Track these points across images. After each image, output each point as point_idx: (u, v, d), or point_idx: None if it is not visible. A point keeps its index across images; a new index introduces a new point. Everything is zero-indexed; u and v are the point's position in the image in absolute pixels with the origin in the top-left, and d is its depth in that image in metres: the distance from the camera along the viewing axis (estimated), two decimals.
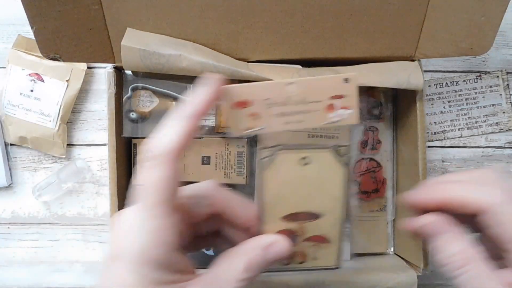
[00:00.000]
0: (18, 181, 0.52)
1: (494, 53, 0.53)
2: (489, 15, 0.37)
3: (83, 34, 0.38)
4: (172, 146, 0.22)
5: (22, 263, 0.52)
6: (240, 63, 0.40)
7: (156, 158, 0.22)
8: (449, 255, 0.25)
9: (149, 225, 0.21)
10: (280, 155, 0.25)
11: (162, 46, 0.38)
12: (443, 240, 0.26)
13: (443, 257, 0.25)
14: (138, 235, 0.21)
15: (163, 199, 0.22)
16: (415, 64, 0.42)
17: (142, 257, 0.21)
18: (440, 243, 0.26)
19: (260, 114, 0.24)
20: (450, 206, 0.26)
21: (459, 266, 0.24)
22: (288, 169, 0.25)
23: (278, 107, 0.24)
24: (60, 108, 0.50)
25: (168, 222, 0.22)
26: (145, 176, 0.22)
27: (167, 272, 0.22)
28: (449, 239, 0.26)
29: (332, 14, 0.38)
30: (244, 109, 0.24)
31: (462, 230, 0.26)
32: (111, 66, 0.42)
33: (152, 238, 0.21)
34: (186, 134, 0.23)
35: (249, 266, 0.24)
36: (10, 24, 0.52)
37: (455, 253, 0.25)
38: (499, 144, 0.53)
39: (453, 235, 0.26)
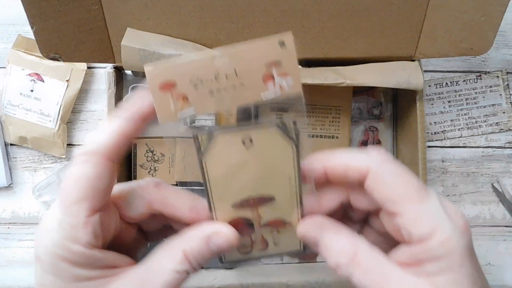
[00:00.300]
0: (18, 181, 0.52)
1: (494, 53, 0.53)
2: (489, 15, 0.37)
3: (83, 34, 0.38)
4: (104, 144, 0.22)
5: (22, 263, 0.52)
6: None
7: (85, 155, 0.22)
8: (335, 255, 0.23)
9: (63, 223, 0.21)
10: (219, 138, 0.22)
11: (162, 46, 0.38)
12: (324, 244, 0.23)
13: (331, 261, 0.23)
14: (52, 233, 0.21)
15: (82, 197, 0.21)
16: (415, 64, 0.42)
17: (55, 255, 0.21)
18: (323, 247, 0.23)
19: (188, 95, 0.21)
20: (335, 174, 0.24)
21: (347, 262, 0.22)
22: (231, 152, 0.22)
23: (206, 84, 0.21)
24: (60, 108, 0.50)
25: (84, 220, 0.21)
26: (69, 171, 0.22)
27: (87, 269, 0.21)
28: (329, 241, 0.23)
29: (332, 14, 0.38)
30: (169, 92, 0.21)
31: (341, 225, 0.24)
32: (111, 66, 0.42)
33: (65, 235, 0.21)
34: (122, 135, 0.22)
35: (186, 257, 0.22)
36: (10, 24, 0.52)
37: (340, 251, 0.23)
38: (499, 144, 0.53)
39: (331, 234, 0.23)
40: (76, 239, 0.21)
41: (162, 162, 0.46)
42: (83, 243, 0.21)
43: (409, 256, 0.22)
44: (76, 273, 0.21)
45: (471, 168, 0.53)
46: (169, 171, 0.46)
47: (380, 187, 0.22)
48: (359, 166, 0.23)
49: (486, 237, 0.53)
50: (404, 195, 0.22)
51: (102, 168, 0.21)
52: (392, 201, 0.22)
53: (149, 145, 0.46)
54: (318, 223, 0.24)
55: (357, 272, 0.22)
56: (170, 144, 0.46)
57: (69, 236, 0.21)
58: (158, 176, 0.46)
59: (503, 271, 0.53)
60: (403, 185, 0.22)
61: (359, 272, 0.22)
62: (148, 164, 0.46)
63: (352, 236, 0.23)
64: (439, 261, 0.20)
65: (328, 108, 0.46)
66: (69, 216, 0.21)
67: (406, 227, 0.21)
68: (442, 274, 0.20)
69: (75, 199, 0.21)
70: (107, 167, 0.22)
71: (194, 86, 0.21)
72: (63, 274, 0.21)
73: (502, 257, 0.53)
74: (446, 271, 0.20)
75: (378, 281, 0.21)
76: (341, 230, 0.24)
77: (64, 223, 0.21)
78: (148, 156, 0.46)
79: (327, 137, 0.46)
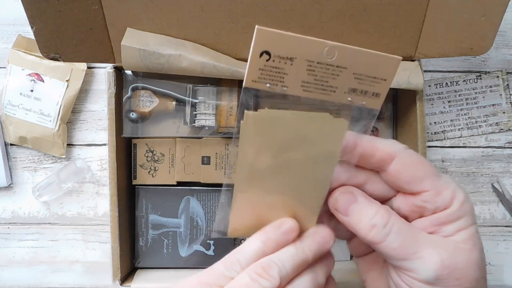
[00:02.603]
0: (18, 181, 0.52)
1: (494, 53, 0.53)
2: (489, 15, 0.37)
3: (83, 34, 0.38)
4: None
5: (22, 263, 0.52)
6: (240, 63, 0.40)
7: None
8: (370, 217, 0.25)
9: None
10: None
11: (162, 46, 0.38)
12: (358, 209, 0.25)
13: (365, 224, 0.25)
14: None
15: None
16: (415, 64, 0.42)
17: None
18: (356, 212, 0.25)
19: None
20: (363, 151, 0.26)
21: (384, 223, 0.24)
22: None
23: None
24: (60, 108, 0.50)
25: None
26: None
27: None
28: (363, 204, 0.25)
29: (332, 14, 0.38)
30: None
31: (367, 195, 0.26)
32: (111, 66, 0.42)
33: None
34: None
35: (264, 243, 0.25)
36: (10, 24, 0.52)
37: (375, 213, 0.25)
38: (499, 144, 0.53)
39: (364, 199, 0.26)
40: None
41: (162, 162, 0.46)
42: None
43: (430, 224, 0.25)
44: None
45: (471, 168, 0.53)
46: (169, 171, 0.46)
47: (408, 168, 0.25)
48: (388, 150, 0.25)
49: (486, 237, 0.53)
50: (428, 173, 0.25)
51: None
52: (418, 179, 0.25)
53: (149, 145, 0.46)
54: (349, 190, 0.26)
55: (393, 232, 0.24)
56: (170, 144, 0.46)
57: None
58: (158, 176, 0.46)
59: (503, 271, 0.53)
60: (425, 165, 0.25)
61: (395, 232, 0.24)
62: (148, 164, 0.46)
63: (380, 204, 0.26)
64: (459, 221, 0.25)
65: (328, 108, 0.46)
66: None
67: (431, 199, 0.25)
68: (460, 231, 0.25)
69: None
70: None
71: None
72: None
73: (502, 257, 0.53)
74: (464, 228, 0.25)
75: (411, 240, 0.24)
76: (370, 198, 0.26)
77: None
78: (148, 156, 0.46)
79: None
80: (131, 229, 0.46)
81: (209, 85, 0.44)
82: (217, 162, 0.46)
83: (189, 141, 0.46)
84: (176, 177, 0.46)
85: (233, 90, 0.44)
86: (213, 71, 0.39)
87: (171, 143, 0.46)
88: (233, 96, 0.44)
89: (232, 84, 0.44)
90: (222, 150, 0.46)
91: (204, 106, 0.44)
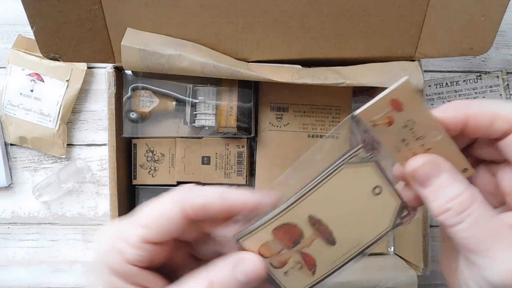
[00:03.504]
0: (18, 181, 0.52)
1: (494, 53, 0.53)
2: (489, 15, 0.37)
3: (83, 34, 0.38)
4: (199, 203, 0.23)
5: (22, 263, 0.52)
6: (240, 63, 0.40)
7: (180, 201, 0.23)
8: (448, 199, 0.21)
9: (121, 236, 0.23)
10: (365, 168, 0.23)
11: (162, 46, 0.38)
12: (437, 184, 0.22)
13: (440, 203, 0.22)
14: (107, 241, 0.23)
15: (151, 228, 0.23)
16: (415, 64, 0.42)
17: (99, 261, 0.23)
18: (434, 188, 0.22)
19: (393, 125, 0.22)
20: (478, 123, 0.22)
21: (460, 210, 0.21)
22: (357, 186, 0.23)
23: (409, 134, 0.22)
24: (60, 108, 0.50)
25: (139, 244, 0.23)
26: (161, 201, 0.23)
27: (123, 281, 0.22)
28: (445, 182, 0.22)
29: (332, 14, 0.38)
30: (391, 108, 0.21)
31: (457, 170, 0.23)
32: (111, 66, 0.42)
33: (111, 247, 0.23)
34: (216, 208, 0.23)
35: (211, 285, 0.22)
36: (10, 24, 0.52)
37: (454, 196, 0.21)
38: None
39: (449, 176, 0.22)
40: (123, 254, 0.22)
41: (162, 162, 0.46)
42: (127, 259, 0.22)
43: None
44: (112, 282, 0.22)
45: None
46: (169, 171, 0.46)
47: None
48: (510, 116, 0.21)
49: None
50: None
51: (183, 222, 0.22)
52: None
53: (149, 145, 0.46)
54: (435, 161, 0.23)
55: (467, 221, 0.21)
56: (170, 144, 0.46)
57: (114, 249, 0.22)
58: (158, 176, 0.46)
59: None
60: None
61: (469, 221, 0.21)
62: (148, 164, 0.46)
63: (469, 184, 0.22)
64: None
65: (328, 108, 0.46)
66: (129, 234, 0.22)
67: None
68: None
69: (144, 225, 0.22)
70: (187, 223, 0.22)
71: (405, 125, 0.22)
72: (100, 278, 0.23)
73: None
74: None
75: (486, 234, 0.21)
76: (459, 176, 0.22)
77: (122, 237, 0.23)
78: (148, 156, 0.46)
79: (327, 137, 0.46)
80: None
81: (209, 85, 0.44)
82: (217, 162, 0.46)
83: (189, 141, 0.46)
84: (176, 177, 0.46)
85: (233, 90, 0.44)
86: (213, 71, 0.39)
87: (171, 143, 0.46)
88: (233, 96, 0.44)
89: (232, 84, 0.44)
90: (222, 150, 0.46)
91: (204, 106, 0.44)
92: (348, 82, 0.40)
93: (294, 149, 0.46)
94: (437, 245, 0.52)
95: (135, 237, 0.22)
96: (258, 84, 0.46)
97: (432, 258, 0.51)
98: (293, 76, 0.40)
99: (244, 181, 0.46)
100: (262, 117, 0.46)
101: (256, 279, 0.22)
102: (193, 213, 0.22)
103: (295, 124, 0.46)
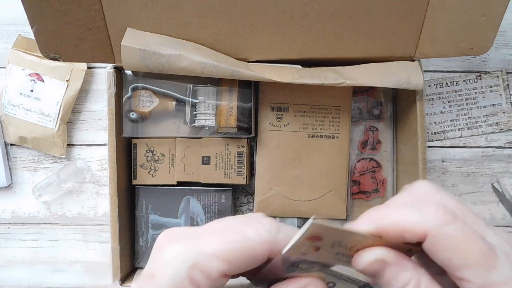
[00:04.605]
0: (18, 181, 0.52)
1: (494, 53, 0.53)
2: (489, 15, 0.37)
3: (83, 34, 0.38)
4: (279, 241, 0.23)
5: (22, 263, 0.52)
6: (240, 63, 0.40)
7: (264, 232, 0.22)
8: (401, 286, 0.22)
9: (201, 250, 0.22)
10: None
11: (162, 46, 0.38)
12: (387, 279, 0.22)
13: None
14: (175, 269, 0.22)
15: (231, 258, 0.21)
16: (415, 64, 0.42)
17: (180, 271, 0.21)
18: (385, 280, 0.22)
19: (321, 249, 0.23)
20: (391, 236, 0.22)
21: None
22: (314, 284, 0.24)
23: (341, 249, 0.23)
24: (60, 108, 0.50)
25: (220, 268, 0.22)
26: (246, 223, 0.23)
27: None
28: (391, 275, 0.22)
29: (332, 14, 0.38)
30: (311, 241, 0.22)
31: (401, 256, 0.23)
32: (111, 66, 0.42)
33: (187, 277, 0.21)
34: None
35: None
36: (10, 24, 0.52)
37: (404, 285, 0.22)
38: (499, 144, 0.53)
39: (395, 268, 0.22)
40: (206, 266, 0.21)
41: (162, 162, 0.46)
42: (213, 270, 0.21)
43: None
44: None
45: (471, 168, 0.53)
46: (169, 171, 0.46)
47: (441, 253, 0.21)
48: (416, 229, 0.21)
49: None
50: (470, 261, 0.20)
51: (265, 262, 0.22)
52: (456, 267, 0.20)
53: (149, 145, 0.46)
54: (379, 258, 0.23)
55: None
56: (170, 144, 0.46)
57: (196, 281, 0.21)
58: (158, 176, 0.46)
59: None
60: (467, 250, 0.20)
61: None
62: (148, 164, 0.46)
63: (415, 268, 0.22)
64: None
65: (328, 108, 0.46)
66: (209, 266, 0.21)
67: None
68: None
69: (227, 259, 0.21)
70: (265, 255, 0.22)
71: (332, 245, 0.22)
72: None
73: None
74: None
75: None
76: (404, 263, 0.22)
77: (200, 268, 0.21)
78: (148, 156, 0.46)
79: (327, 137, 0.46)
80: (131, 229, 0.46)
81: (209, 85, 0.44)
82: (217, 162, 0.46)
83: (189, 141, 0.46)
84: (176, 177, 0.46)
85: (233, 90, 0.44)
86: (213, 71, 0.39)
87: (171, 143, 0.46)
88: (233, 96, 0.44)
89: (232, 84, 0.44)
90: (222, 150, 0.46)
91: (204, 106, 0.44)
92: (348, 82, 0.40)
93: (294, 149, 0.46)
94: None
95: (215, 272, 0.21)
96: (258, 84, 0.46)
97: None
98: (293, 76, 0.40)
99: (244, 181, 0.46)
100: (262, 117, 0.46)
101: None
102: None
103: (295, 124, 0.46)
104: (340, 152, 0.46)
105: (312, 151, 0.46)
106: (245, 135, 0.44)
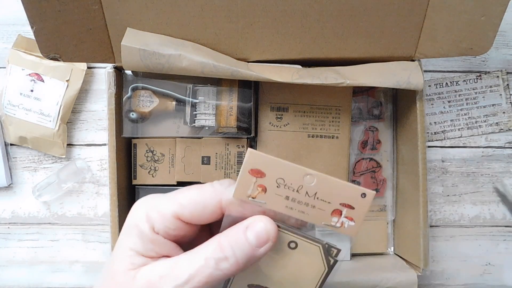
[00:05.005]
0: (18, 181, 0.52)
1: (494, 53, 0.53)
2: (489, 15, 0.37)
3: (83, 34, 0.38)
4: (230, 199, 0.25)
5: (22, 263, 0.52)
6: (240, 63, 0.40)
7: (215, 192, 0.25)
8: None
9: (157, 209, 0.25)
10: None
11: (162, 46, 0.38)
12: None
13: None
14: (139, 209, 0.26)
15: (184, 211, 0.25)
16: (415, 64, 0.42)
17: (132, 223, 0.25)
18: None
19: (268, 189, 0.24)
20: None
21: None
22: (275, 247, 0.25)
23: (287, 190, 0.24)
24: (60, 108, 0.50)
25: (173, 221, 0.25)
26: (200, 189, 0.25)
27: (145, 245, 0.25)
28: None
29: (332, 14, 0.38)
30: (254, 178, 0.23)
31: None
32: (111, 66, 0.42)
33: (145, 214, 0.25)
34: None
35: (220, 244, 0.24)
36: (10, 24, 0.52)
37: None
38: (499, 144, 0.53)
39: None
40: (153, 222, 0.25)
41: (162, 162, 0.46)
42: (155, 228, 0.24)
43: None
44: (136, 241, 0.25)
45: (471, 168, 0.53)
46: (169, 171, 0.46)
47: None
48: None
49: (486, 237, 0.53)
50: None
51: (217, 212, 0.25)
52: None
53: (149, 145, 0.46)
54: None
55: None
56: (170, 144, 0.46)
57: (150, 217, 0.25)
58: (158, 176, 0.46)
59: (503, 271, 0.53)
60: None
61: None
62: (148, 164, 0.46)
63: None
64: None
65: (328, 108, 0.46)
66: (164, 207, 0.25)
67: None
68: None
69: (180, 203, 0.25)
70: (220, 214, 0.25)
71: (277, 185, 0.24)
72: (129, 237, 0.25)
73: (502, 257, 0.53)
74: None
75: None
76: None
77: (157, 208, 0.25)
78: (148, 156, 0.46)
79: (327, 137, 0.46)
80: None
81: (209, 85, 0.44)
82: (217, 162, 0.46)
83: (189, 141, 0.46)
84: (176, 177, 0.46)
85: (233, 90, 0.44)
86: (213, 71, 0.39)
87: (171, 143, 0.46)
88: (233, 96, 0.44)
89: (232, 84, 0.44)
90: (222, 150, 0.46)
91: (204, 106, 0.44)
92: (348, 82, 0.40)
93: (294, 149, 0.46)
94: (437, 245, 0.52)
95: (168, 211, 0.24)
96: (258, 84, 0.46)
97: (432, 258, 0.52)
98: (293, 76, 0.40)
99: None
100: (262, 117, 0.46)
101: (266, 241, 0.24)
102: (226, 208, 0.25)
103: (295, 124, 0.46)
104: (340, 152, 0.46)
105: (312, 151, 0.46)
106: (245, 135, 0.44)
